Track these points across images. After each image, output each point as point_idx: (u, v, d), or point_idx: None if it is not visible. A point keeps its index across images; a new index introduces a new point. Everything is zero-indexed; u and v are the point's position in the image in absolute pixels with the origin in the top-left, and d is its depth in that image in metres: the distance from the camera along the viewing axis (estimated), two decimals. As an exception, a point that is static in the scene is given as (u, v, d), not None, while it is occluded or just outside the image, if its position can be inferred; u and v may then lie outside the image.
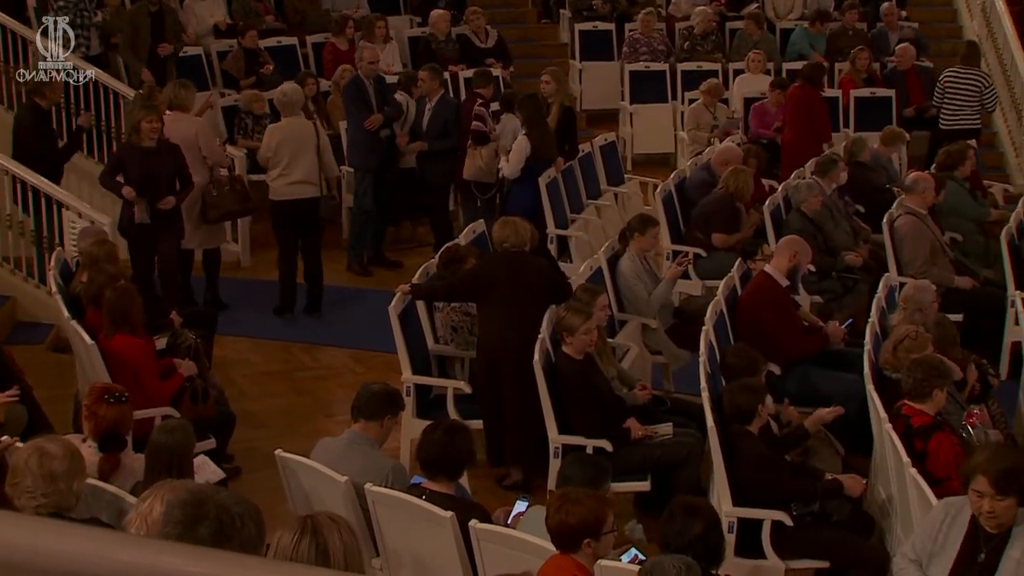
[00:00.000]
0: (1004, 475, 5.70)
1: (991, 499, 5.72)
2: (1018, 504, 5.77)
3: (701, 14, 17.12)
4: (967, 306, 10.68)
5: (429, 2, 17.10)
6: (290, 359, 11.10)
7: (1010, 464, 5.79)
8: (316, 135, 11.54)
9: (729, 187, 11.40)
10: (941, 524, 6.00)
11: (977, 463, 5.84)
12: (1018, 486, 5.75)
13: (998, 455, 5.93)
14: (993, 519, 5.76)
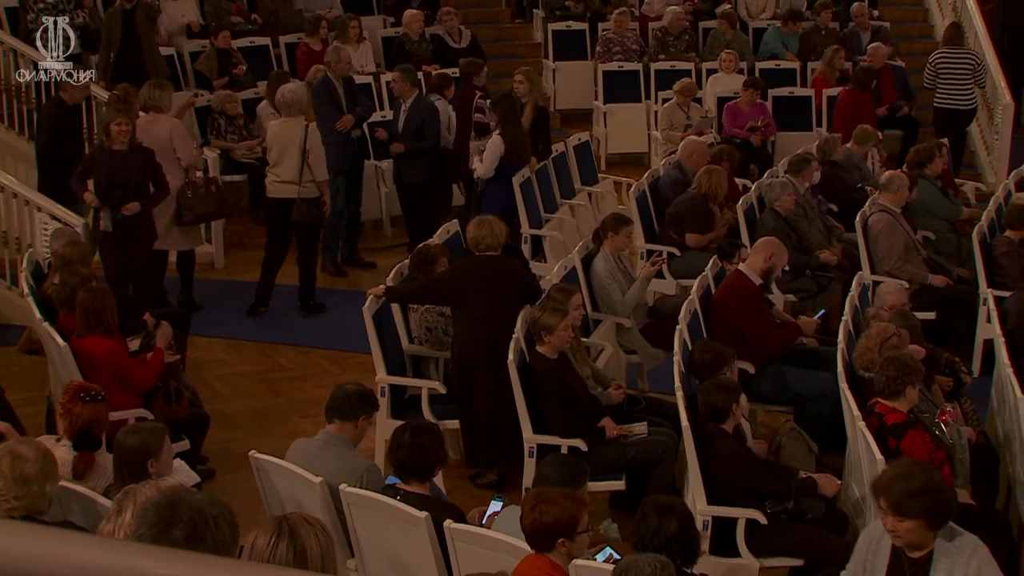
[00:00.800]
0: (904, 498, 5.42)
1: (892, 519, 5.49)
2: (928, 526, 5.47)
3: (675, 13, 17.15)
4: (940, 304, 10.72)
5: (402, 2, 17.10)
6: (264, 360, 11.08)
7: (911, 487, 5.42)
8: (305, 137, 11.50)
9: (702, 187, 11.43)
10: (867, 552, 5.83)
11: (878, 482, 5.61)
12: (922, 509, 5.42)
13: (901, 477, 5.50)
14: (898, 538, 5.54)
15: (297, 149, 11.45)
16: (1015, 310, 9.19)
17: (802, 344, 9.57)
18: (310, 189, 11.55)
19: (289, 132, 11.53)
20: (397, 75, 13.03)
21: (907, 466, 5.67)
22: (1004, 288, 10.34)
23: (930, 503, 5.40)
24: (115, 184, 10.49)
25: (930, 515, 5.41)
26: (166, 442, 6.34)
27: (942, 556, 5.49)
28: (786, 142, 14.96)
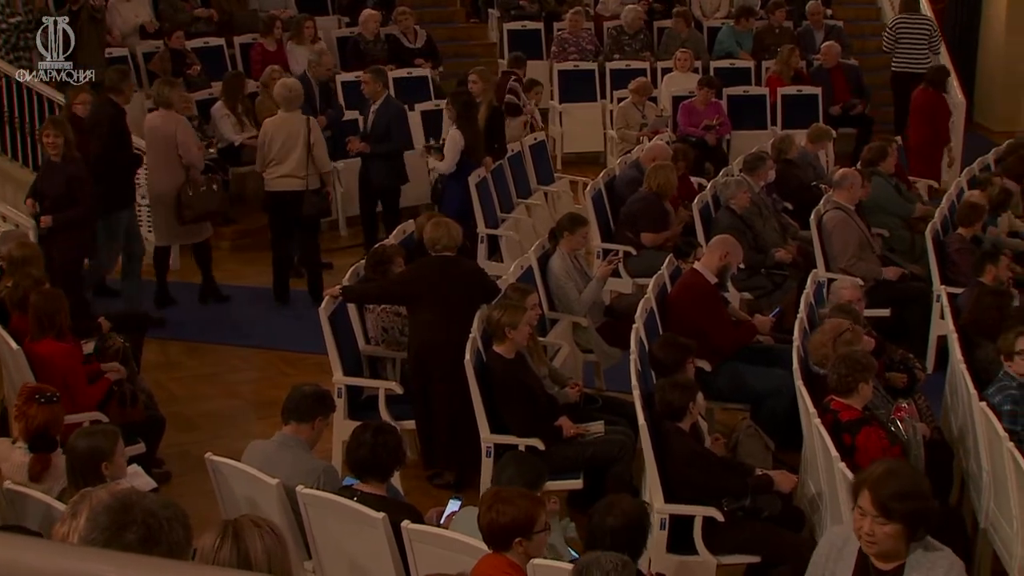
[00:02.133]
0: (892, 497, 4.92)
1: (872, 520, 4.95)
2: (907, 535, 4.97)
3: (632, 12, 17.19)
4: (894, 301, 10.80)
5: (357, 2, 17.07)
6: (221, 362, 11.03)
7: (901, 487, 4.97)
8: (308, 131, 11.70)
9: (652, 185, 11.46)
10: (826, 560, 5.29)
11: (866, 477, 5.08)
12: (907, 513, 4.93)
13: (892, 474, 5.04)
14: (872, 544, 4.99)
15: (302, 142, 11.64)
16: (968, 306, 9.27)
17: (758, 342, 9.61)
18: (314, 180, 11.80)
19: (291, 126, 11.71)
20: (368, 76, 13.04)
21: (896, 464, 5.23)
22: (957, 285, 10.41)
23: (916, 507, 4.96)
24: (37, 195, 10.55)
25: (913, 521, 4.95)
26: (119, 445, 6.31)
27: (914, 569, 4.99)
28: (741, 141, 15.03)
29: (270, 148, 11.72)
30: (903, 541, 4.96)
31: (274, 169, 11.74)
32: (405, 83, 15.23)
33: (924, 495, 5.00)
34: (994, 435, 7.14)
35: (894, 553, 5.00)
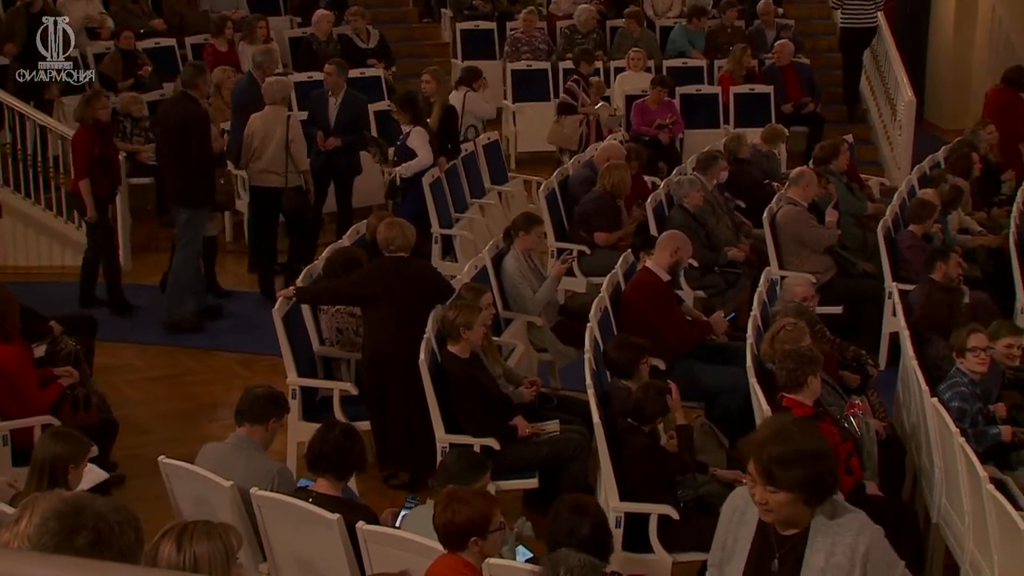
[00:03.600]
0: (778, 464, 4.41)
1: (761, 488, 4.49)
2: (803, 501, 4.48)
3: (585, 12, 17.20)
4: (847, 298, 10.87)
5: (310, 3, 17.01)
6: (175, 364, 10.98)
7: (787, 451, 4.42)
8: (287, 128, 11.86)
9: (606, 184, 11.48)
10: (729, 523, 4.80)
11: (752, 439, 4.63)
12: (797, 480, 4.42)
13: (777, 437, 4.49)
14: (768, 513, 4.52)
15: (279, 140, 11.81)
16: (919, 303, 9.33)
17: (712, 339, 9.65)
18: (295, 178, 11.98)
19: (270, 123, 11.89)
20: (332, 68, 13.07)
21: (784, 426, 4.61)
22: (909, 282, 10.48)
23: (808, 474, 4.42)
24: None
25: (807, 488, 4.44)
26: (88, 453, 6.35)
27: (820, 534, 4.53)
28: (694, 139, 15.08)
29: (251, 142, 11.88)
30: (801, 508, 4.50)
31: (255, 164, 11.93)
32: (358, 83, 15.16)
33: (815, 457, 4.46)
34: (946, 431, 7.19)
35: (796, 519, 4.55)
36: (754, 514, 4.64)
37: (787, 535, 4.58)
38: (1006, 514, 6.20)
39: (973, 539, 6.88)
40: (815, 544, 4.53)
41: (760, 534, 4.66)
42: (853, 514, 4.58)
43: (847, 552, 4.47)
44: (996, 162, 14.38)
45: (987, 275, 11.42)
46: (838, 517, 4.55)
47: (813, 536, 4.54)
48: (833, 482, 4.53)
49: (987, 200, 13.40)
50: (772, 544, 4.61)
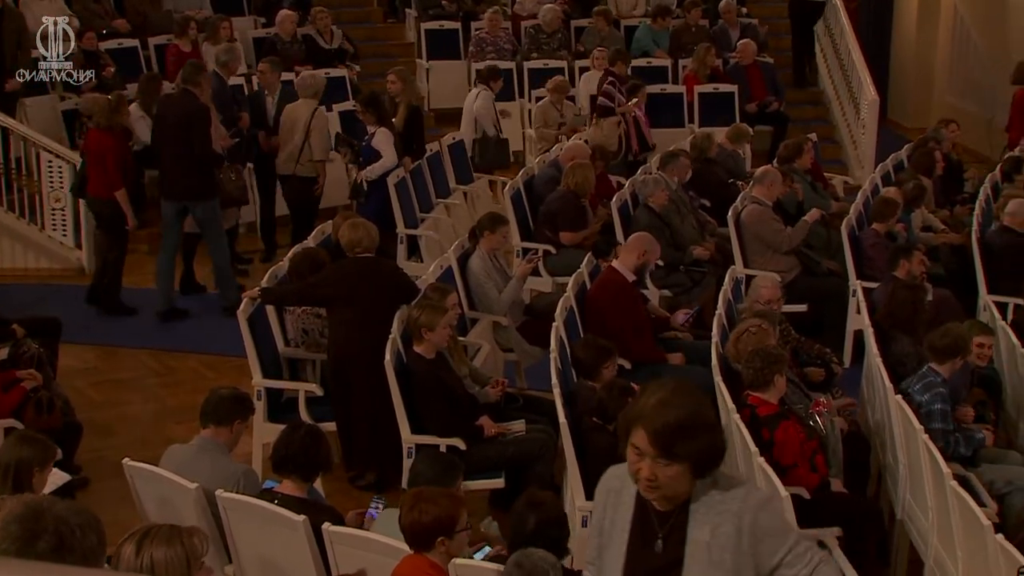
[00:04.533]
0: (674, 433, 3.99)
1: (652, 461, 4.04)
2: (695, 473, 4.09)
3: (550, 12, 17.21)
4: (811, 296, 10.91)
5: (273, 3, 16.96)
6: (139, 366, 10.92)
7: (682, 419, 4.02)
8: (310, 117, 12.53)
9: (571, 184, 11.49)
10: (605, 507, 4.37)
11: (638, 410, 4.11)
12: (693, 451, 4.03)
13: (669, 404, 4.05)
14: (654, 489, 4.09)
15: (300, 130, 12.45)
16: (883, 301, 9.38)
17: (677, 338, 9.68)
18: (308, 168, 12.56)
19: (294, 114, 12.59)
20: (267, 66, 13.10)
21: (672, 393, 4.11)
22: (873, 280, 10.53)
23: (703, 443, 4.06)
24: None
25: (701, 459, 4.08)
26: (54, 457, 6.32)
27: (703, 506, 4.16)
28: (659, 138, 15.05)
29: (281, 131, 12.69)
30: (689, 480, 4.12)
31: (281, 153, 12.67)
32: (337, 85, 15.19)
33: (710, 426, 4.14)
34: (910, 428, 7.23)
35: (679, 494, 4.17)
36: (630, 494, 4.26)
37: (667, 511, 4.20)
38: (969, 510, 6.23)
39: (937, 535, 6.92)
40: (698, 517, 4.17)
41: (639, 514, 4.26)
42: (737, 481, 4.28)
43: (733, 521, 4.13)
44: (958, 160, 14.48)
45: (950, 272, 11.48)
46: (720, 486, 4.19)
47: (696, 509, 4.18)
48: (722, 452, 4.17)
49: (950, 198, 13.48)
50: (653, 523, 4.23)
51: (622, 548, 4.27)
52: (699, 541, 4.14)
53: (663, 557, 4.20)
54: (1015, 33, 17.36)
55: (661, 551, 4.20)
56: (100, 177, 11.43)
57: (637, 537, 4.24)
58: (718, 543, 4.12)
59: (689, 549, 4.16)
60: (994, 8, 18.38)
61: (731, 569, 4.12)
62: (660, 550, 4.20)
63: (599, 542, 4.36)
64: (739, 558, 4.12)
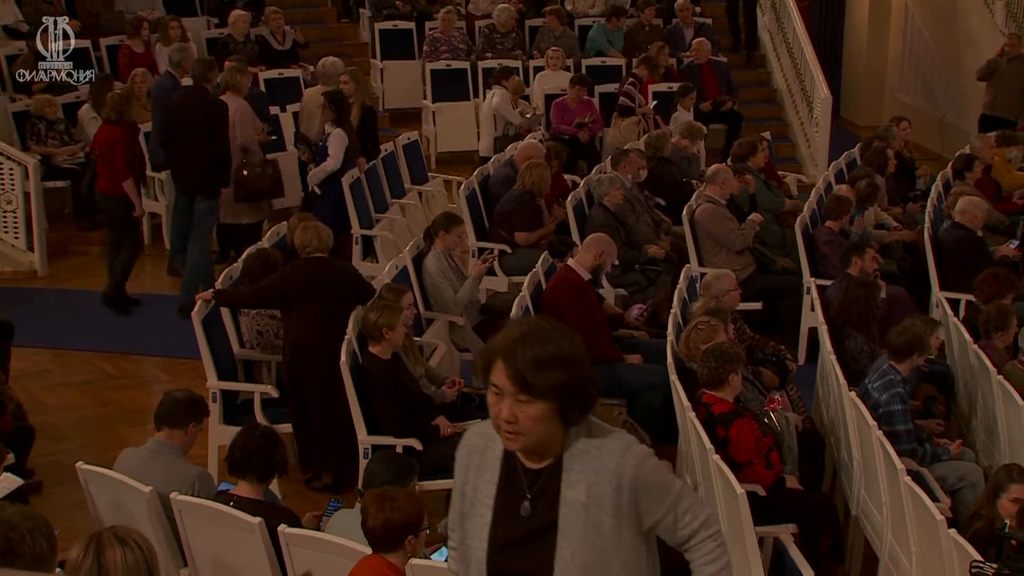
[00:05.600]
0: (535, 364, 3.65)
1: (511, 400, 3.68)
2: (560, 416, 3.71)
3: (503, 11, 17.20)
4: (766, 294, 10.95)
5: (226, 3, 16.89)
6: (93, 369, 10.84)
7: (545, 350, 3.68)
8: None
9: (526, 183, 11.50)
10: (467, 469, 3.96)
11: (497, 342, 3.77)
12: (557, 384, 3.65)
13: (531, 336, 3.71)
14: (516, 435, 3.70)
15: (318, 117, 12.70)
16: (837, 298, 9.43)
17: (633, 337, 9.70)
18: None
19: (312, 99, 12.94)
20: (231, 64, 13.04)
21: (538, 325, 3.78)
22: (826, 277, 10.60)
23: (568, 377, 3.68)
24: None
25: (566, 395, 3.69)
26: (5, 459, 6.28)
27: (576, 461, 3.77)
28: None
29: (301, 117, 13.24)
30: (556, 426, 3.72)
31: None
32: (276, 84, 15.12)
33: (577, 360, 3.73)
34: (864, 424, 7.27)
35: (547, 446, 3.77)
36: (496, 453, 3.88)
37: (538, 468, 3.80)
38: (923, 505, 6.28)
39: (891, 531, 6.96)
40: (572, 474, 3.77)
41: (506, 474, 3.86)
42: (615, 434, 3.86)
43: (611, 479, 3.75)
44: (910, 158, 14.58)
45: (903, 270, 11.56)
46: (595, 438, 3.80)
47: (569, 464, 3.77)
48: (594, 394, 3.79)
49: (902, 195, 13.57)
50: (521, 482, 3.82)
51: (487, 515, 3.87)
52: (573, 502, 3.76)
53: (533, 522, 3.80)
54: (965, 32, 17.50)
55: (530, 515, 3.80)
56: (109, 172, 11.49)
57: (503, 501, 3.85)
58: (595, 503, 3.76)
59: (563, 511, 3.77)
60: (944, 7, 18.51)
61: (610, 532, 3.77)
62: (528, 514, 3.80)
63: (461, 509, 3.96)
64: (619, 519, 3.78)
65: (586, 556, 3.75)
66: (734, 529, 6.45)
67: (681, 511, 3.88)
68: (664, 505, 3.85)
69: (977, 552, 5.53)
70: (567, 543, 3.76)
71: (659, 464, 3.90)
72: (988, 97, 16.24)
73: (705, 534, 3.91)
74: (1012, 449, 7.95)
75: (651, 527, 3.87)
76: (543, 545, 3.77)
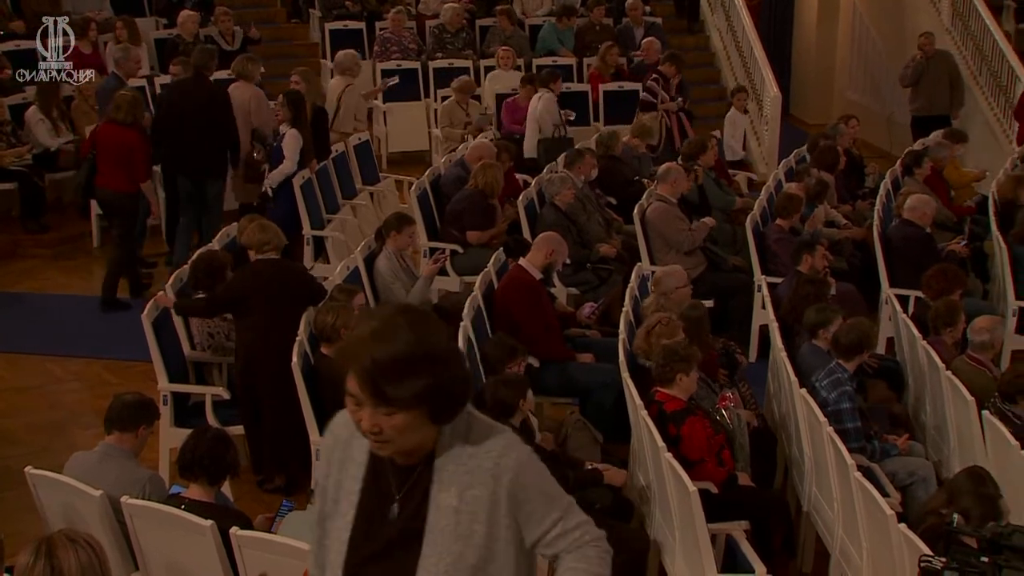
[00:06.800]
0: (388, 372, 3.23)
1: (371, 410, 3.30)
2: (433, 418, 3.34)
3: (450, 10, 17.20)
4: (717, 292, 10.99)
5: (175, 3, 16.80)
6: (43, 373, 10.75)
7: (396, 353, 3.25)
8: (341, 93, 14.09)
9: (478, 183, 11.49)
10: (330, 462, 3.60)
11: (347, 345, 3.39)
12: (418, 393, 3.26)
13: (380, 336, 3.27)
14: (384, 444, 3.33)
15: (334, 101, 13.90)
16: (787, 296, 9.48)
17: (586, 336, 9.71)
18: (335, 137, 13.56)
19: (334, 93, 14.07)
20: (178, 67, 13.07)
21: (388, 319, 3.31)
22: (777, 275, 10.65)
23: (432, 381, 3.27)
24: None
25: (431, 401, 3.30)
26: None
27: (450, 462, 3.40)
28: (564, 137, 15.14)
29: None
30: (428, 428, 3.36)
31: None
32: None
33: (438, 356, 3.31)
34: (814, 421, 7.31)
35: (420, 445, 3.40)
36: (362, 446, 3.48)
37: (409, 466, 3.42)
38: (873, 501, 6.32)
39: (842, 526, 7.01)
40: (445, 475, 3.39)
41: (373, 470, 3.48)
42: (497, 432, 3.47)
43: (488, 483, 3.38)
44: (859, 155, 14.68)
45: (853, 267, 11.63)
46: (473, 436, 3.42)
47: (442, 465, 3.39)
48: (466, 390, 3.40)
49: (852, 193, 13.65)
50: (389, 482, 3.44)
51: (349, 515, 3.48)
52: (444, 506, 3.38)
53: (398, 526, 3.41)
54: (912, 30, 17.62)
55: (396, 518, 3.41)
56: (117, 170, 11.51)
57: (369, 501, 3.47)
58: (468, 509, 3.38)
59: (431, 516, 3.38)
60: (891, 5, 18.65)
61: (482, 543, 3.38)
62: (395, 517, 3.41)
63: (322, 507, 3.57)
64: (493, 530, 3.39)
65: (453, 569, 3.37)
66: (686, 526, 6.47)
67: (569, 527, 3.50)
68: (549, 519, 3.47)
69: (927, 547, 5.56)
70: (433, 551, 3.38)
71: (544, 470, 3.51)
72: (919, 100, 16.47)
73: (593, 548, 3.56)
74: (961, 444, 8.02)
75: (533, 544, 3.48)
76: (408, 552, 3.39)
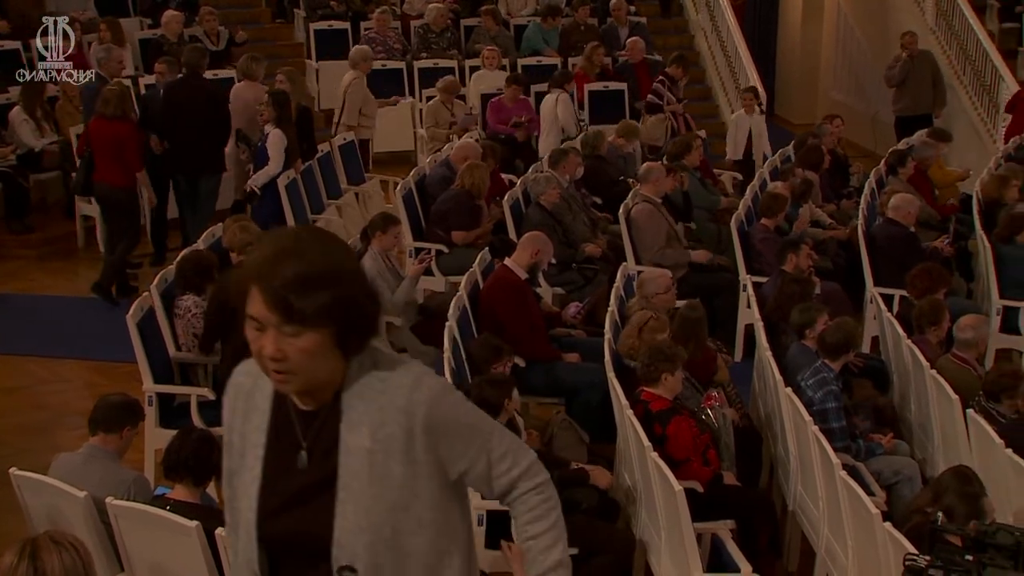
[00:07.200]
0: (297, 285, 3.03)
1: (275, 332, 3.07)
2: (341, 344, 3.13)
3: (435, 10, 17.20)
4: (703, 291, 10.99)
5: (159, 4, 16.78)
6: (26, 374, 10.73)
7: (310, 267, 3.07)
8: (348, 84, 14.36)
9: (465, 183, 11.49)
10: (233, 415, 3.37)
11: (249, 264, 3.14)
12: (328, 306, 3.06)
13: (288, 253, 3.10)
14: (287, 375, 3.10)
15: (341, 94, 14.40)
16: (772, 295, 9.49)
17: (570, 336, 9.71)
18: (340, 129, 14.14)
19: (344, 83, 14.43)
20: (164, 67, 13.04)
21: (296, 239, 3.15)
22: (762, 274, 10.66)
23: (342, 295, 3.09)
24: None
25: (343, 318, 3.10)
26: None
27: (357, 398, 3.19)
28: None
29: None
30: (335, 359, 3.15)
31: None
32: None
33: (348, 273, 3.15)
34: (800, 420, 7.32)
35: (325, 383, 3.18)
36: (265, 394, 3.29)
37: (313, 410, 3.22)
38: (858, 499, 6.33)
39: (828, 525, 7.02)
40: (354, 415, 3.18)
41: (277, 419, 3.27)
42: (405, 364, 3.28)
43: (400, 419, 3.18)
44: (844, 155, 14.71)
45: (838, 266, 11.65)
46: (382, 371, 3.21)
47: (350, 403, 3.17)
48: (375, 313, 3.22)
49: (836, 192, 13.68)
50: (295, 429, 3.24)
51: (256, 468, 3.27)
52: (356, 448, 3.17)
53: (310, 474, 3.21)
54: (896, 29, 17.66)
55: (306, 466, 3.21)
56: (112, 164, 11.56)
57: (275, 452, 3.26)
58: (382, 449, 3.18)
59: (343, 460, 3.18)
60: (875, 5, 18.69)
61: (402, 484, 3.19)
62: (305, 465, 3.21)
63: (228, 464, 3.38)
64: (413, 467, 3.20)
65: (372, 513, 3.17)
66: (672, 526, 6.48)
67: (496, 456, 3.34)
68: (472, 447, 3.29)
69: (912, 545, 5.58)
70: (349, 497, 3.16)
71: (462, 399, 3.34)
72: (903, 100, 16.50)
73: (528, 485, 3.42)
74: (945, 443, 8.04)
75: (459, 476, 3.32)
76: (321, 502, 3.18)
